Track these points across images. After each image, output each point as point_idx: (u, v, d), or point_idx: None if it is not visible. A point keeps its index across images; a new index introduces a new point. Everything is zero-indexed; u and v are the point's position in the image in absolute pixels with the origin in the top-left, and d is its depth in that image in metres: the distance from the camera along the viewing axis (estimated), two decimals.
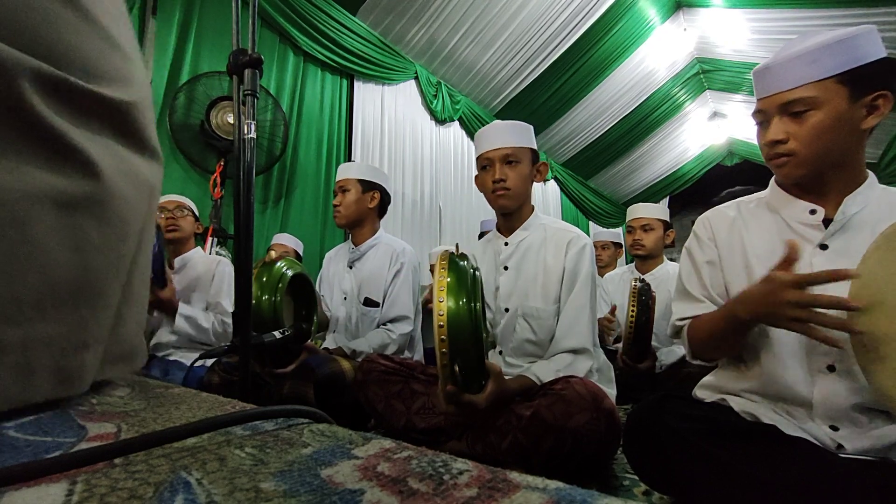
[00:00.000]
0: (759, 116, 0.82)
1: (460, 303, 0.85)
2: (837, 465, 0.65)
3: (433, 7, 3.24)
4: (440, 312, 0.84)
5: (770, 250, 0.82)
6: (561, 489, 0.24)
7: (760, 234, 0.85)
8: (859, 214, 0.76)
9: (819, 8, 3.52)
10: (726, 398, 0.84)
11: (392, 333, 1.59)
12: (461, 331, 0.84)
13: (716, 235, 0.90)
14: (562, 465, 0.96)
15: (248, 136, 0.96)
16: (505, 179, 1.21)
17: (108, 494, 0.23)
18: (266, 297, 1.29)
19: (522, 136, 1.25)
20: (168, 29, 2.26)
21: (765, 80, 0.79)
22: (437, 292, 0.86)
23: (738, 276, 0.85)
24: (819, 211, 0.79)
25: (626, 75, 4.62)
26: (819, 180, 0.79)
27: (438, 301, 0.85)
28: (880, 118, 0.74)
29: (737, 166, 6.88)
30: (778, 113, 0.77)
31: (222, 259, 1.86)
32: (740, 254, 0.86)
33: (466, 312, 0.85)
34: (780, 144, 0.77)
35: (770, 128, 0.78)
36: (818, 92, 0.73)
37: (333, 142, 3.08)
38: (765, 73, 0.79)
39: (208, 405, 0.41)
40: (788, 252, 0.68)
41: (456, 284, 0.87)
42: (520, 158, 1.23)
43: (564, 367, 1.09)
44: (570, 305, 1.16)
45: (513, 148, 1.22)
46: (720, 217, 0.92)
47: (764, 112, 0.80)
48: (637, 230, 2.15)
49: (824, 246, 0.77)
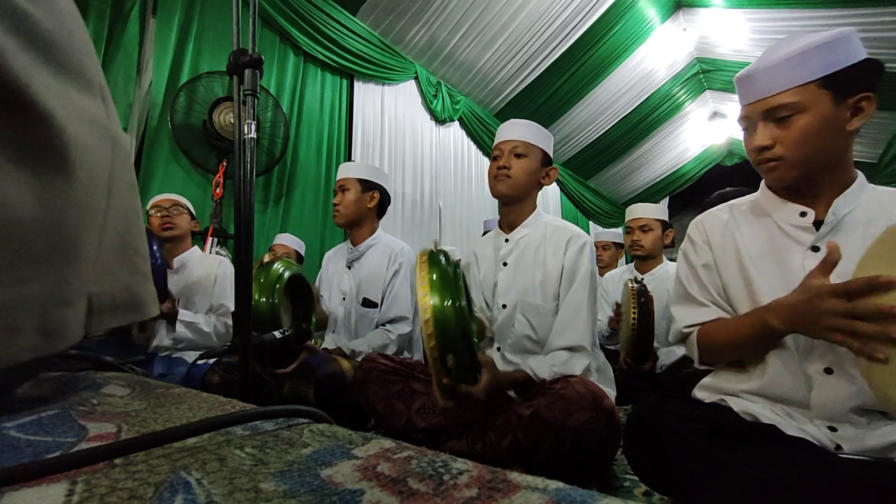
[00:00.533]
0: (744, 122, 0.82)
1: (444, 298, 0.87)
2: (837, 466, 0.65)
3: (433, 7, 3.24)
4: (425, 307, 0.86)
5: (762, 253, 0.82)
6: (561, 489, 0.24)
7: (753, 237, 0.85)
8: (850, 215, 0.76)
9: (819, 8, 3.52)
10: (726, 399, 0.84)
11: (391, 334, 1.59)
12: (447, 324, 0.86)
13: (710, 238, 0.90)
14: (562, 464, 0.96)
15: (249, 136, 0.96)
16: (508, 167, 1.25)
17: (108, 494, 0.23)
18: (264, 299, 1.30)
19: (537, 136, 1.29)
20: (168, 29, 2.26)
21: (748, 86, 0.79)
22: (420, 288, 0.88)
23: (733, 279, 0.85)
24: (809, 213, 0.79)
25: (626, 75, 4.61)
26: (809, 183, 0.79)
27: (422, 296, 0.87)
28: (864, 119, 0.74)
29: (736, 166, 6.88)
30: (762, 119, 0.77)
31: (223, 259, 1.85)
32: (734, 256, 0.86)
33: (451, 306, 0.87)
34: (767, 150, 0.77)
35: (756, 134, 0.78)
36: (801, 96, 0.73)
37: (333, 142, 3.08)
38: (747, 79, 0.79)
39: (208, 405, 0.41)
40: (828, 256, 0.65)
41: (439, 280, 0.89)
42: (527, 153, 1.26)
43: (560, 364, 1.09)
44: (568, 303, 1.17)
45: (523, 142, 1.26)
46: (713, 220, 0.92)
47: (749, 118, 0.80)
48: (636, 231, 2.15)
49: (816, 248, 0.77)
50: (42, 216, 0.33)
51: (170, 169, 2.25)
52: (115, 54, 2.07)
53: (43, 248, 0.34)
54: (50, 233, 0.34)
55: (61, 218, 0.35)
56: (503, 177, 1.25)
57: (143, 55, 2.20)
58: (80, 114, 0.37)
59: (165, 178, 2.21)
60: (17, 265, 0.32)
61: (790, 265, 0.78)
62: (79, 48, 0.39)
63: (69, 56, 0.38)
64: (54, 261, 0.35)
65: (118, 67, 2.07)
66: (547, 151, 1.30)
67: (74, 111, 0.36)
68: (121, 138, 0.45)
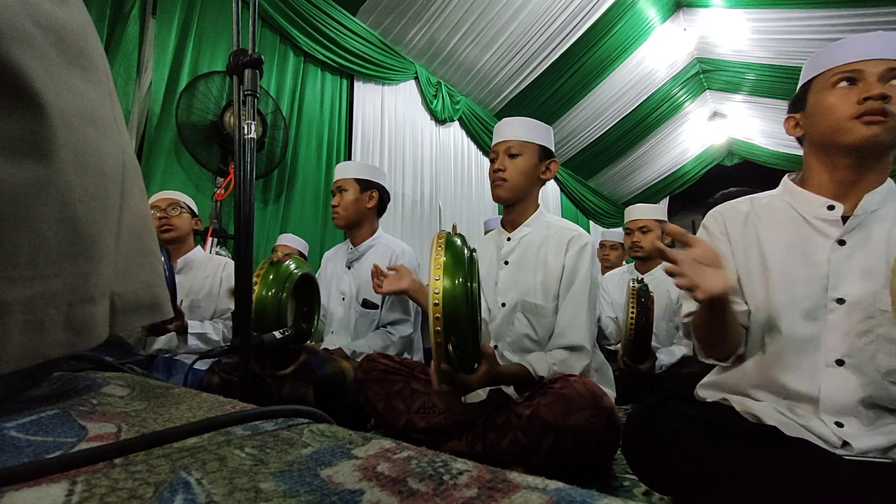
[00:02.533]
0: (849, 78, 0.79)
1: (456, 282, 0.85)
2: (838, 466, 0.65)
3: (433, 7, 3.24)
4: (435, 290, 0.84)
5: (786, 245, 0.82)
6: (561, 489, 0.24)
7: (776, 229, 0.85)
8: (876, 213, 0.77)
9: (819, 8, 3.52)
10: (728, 398, 0.84)
11: (393, 336, 1.59)
12: (456, 310, 0.84)
13: (729, 230, 0.90)
14: (562, 464, 0.96)
15: (249, 136, 0.96)
16: (503, 170, 1.25)
17: (108, 494, 0.23)
18: (273, 293, 1.29)
19: (530, 132, 1.27)
20: (168, 29, 2.26)
21: (866, 45, 0.78)
22: (434, 270, 0.86)
23: (753, 270, 0.85)
24: (838, 207, 0.79)
25: (626, 75, 4.62)
26: (857, 170, 0.79)
27: (434, 279, 0.85)
28: None
29: (737, 166, 6.88)
30: (879, 77, 0.76)
31: (228, 261, 1.82)
32: (756, 247, 0.86)
33: (462, 291, 0.85)
34: (885, 101, 0.74)
35: (874, 85, 0.76)
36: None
37: (333, 142, 3.08)
38: (862, 40, 0.78)
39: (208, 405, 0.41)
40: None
41: (452, 264, 0.87)
42: (521, 151, 1.25)
43: (559, 363, 1.10)
44: (567, 303, 1.17)
45: (515, 141, 1.25)
46: (733, 211, 0.92)
47: (861, 72, 0.77)
48: (635, 232, 2.16)
49: (842, 241, 0.77)
50: (50, 211, 0.33)
51: (170, 170, 2.24)
52: (115, 55, 2.07)
53: (61, 244, 0.34)
54: (65, 229, 0.34)
55: (70, 213, 0.35)
56: (499, 181, 1.26)
57: (143, 55, 2.20)
58: (85, 109, 0.37)
59: (165, 178, 2.21)
60: (38, 261, 0.32)
61: (815, 258, 0.79)
62: (92, 49, 0.40)
63: (80, 52, 0.38)
64: (74, 257, 0.35)
65: (118, 68, 2.07)
66: (544, 145, 1.28)
67: (79, 110, 0.37)
68: (127, 140, 0.45)
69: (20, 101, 0.32)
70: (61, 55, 0.36)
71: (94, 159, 0.37)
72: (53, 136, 0.34)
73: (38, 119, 0.33)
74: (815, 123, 0.83)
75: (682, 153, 6.41)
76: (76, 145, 0.36)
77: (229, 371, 1.38)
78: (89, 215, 0.37)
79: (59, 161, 0.34)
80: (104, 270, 0.38)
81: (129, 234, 0.42)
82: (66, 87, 0.36)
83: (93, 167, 0.37)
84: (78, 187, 0.36)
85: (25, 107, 0.32)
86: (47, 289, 0.33)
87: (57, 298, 0.33)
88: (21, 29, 0.32)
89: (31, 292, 0.32)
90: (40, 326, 0.32)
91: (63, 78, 0.36)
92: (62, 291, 0.34)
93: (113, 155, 0.40)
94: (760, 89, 4.90)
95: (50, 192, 0.33)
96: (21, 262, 0.31)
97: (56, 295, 0.33)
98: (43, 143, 0.33)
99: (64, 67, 0.36)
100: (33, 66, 0.32)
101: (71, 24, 0.37)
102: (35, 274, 0.32)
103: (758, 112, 5.36)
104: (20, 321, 0.31)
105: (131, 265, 0.42)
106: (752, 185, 0.93)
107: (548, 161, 1.29)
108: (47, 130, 0.33)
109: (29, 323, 0.31)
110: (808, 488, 0.61)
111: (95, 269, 0.37)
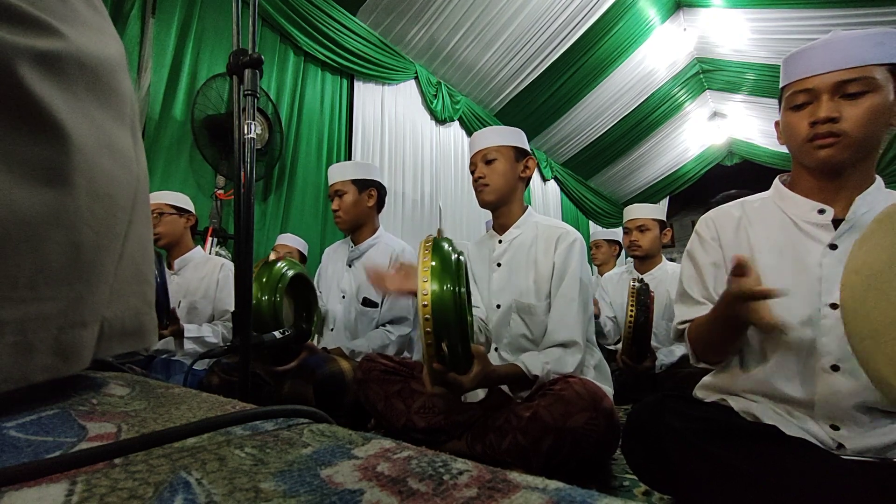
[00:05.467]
0: (802, 97, 0.78)
1: (444, 285, 0.86)
2: (837, 466, 0.65)
3: (433, 7, 3.24)
4: (424, 293, 0.86)
5: (778, 249, 0.82)
6: (561, 489, 0.24)
7: (767, 233, 0.85)
8: (867, 215, 0.76)
9: (819, 8, 3.52)
10: (726, 398, 0.84)
11: (392, 334, 1.59)
12: (445, 312, 0.85)
13: (720, 236, 0.90)
14: (561, 465, 0.96)
15: (248, 136, 0.96)
16: (483, 176, 1.29)
17: (108, 494, 0.23)
18: (266, 298, 1.29)
19: (501, 137, 1.31)
20: (168, 29, 2.26)
21: (815, 57, 0.77)
22: (421, 273, 0.87)
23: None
24: (828, 210, 0.78)
25: (626, 75, 4.62)
26: (839, 175, 0.78)
27: (422, 282, 0.86)
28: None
29: (737, 166, 6.88)
30: (831, 91, 0.75)
31: (225, 262, 1.82)
32: (748, 253, 0.85)
33: (450, 294, 0.86)
34: (832, 122, 0.74)
35: (822, 105, 0.75)
36: (878, 75, 0.72)
37: (333, 142, 3.08)
38: (813, 51, 0.77)
39: (208, 405, 0.41)
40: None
41: (440, 267, 0.88)
42: (497, 156, 1.29)
43: (554, 361, 1.10)
44: (559, 300, 1.17)
45: (489, 148, 1.30)
46: (725, 217, 0.91)
47: (811, 91, 0.77)
48: (633, 231, 2.16)
49: (834, 246, 0.77)
50: (59, 235, 0.33)
51: (169, 170, 2.24)
52: None
53: (62, 267, 0.34)
54: (69, 253, 0.34)
55: (82, 241, 0.35)
56: (481, 186, 1.29)
57: (143, 56, 2.20)
58: (104, 140, 0.38)
59: (165, 179, 2.21)
60: (37, 281, 0.32)
61: (807, 262, 0.78)
62: (119, 83, 0.40)
63: (109, 88, 0.39)
64: (74, 280, 0.35)
65: None
66: (517, 146, 1.32)
67: (98, 140, 0.37)
68: (144, 173, 0.45)
69: (43, 130, 0.32)
70: (90, 91, 0.37)
71: (106, 187, 0.38)
72: (70, 164, 0.34)
73: (59, 148, 0.33)
74: (785, 140, 0.84)
75: (683, 153, 6.41)
76: (91, 172, 0.36)
77: (229, 371, 1.39)
78: (95, 241, 0.36)
79: (72, 187, 0.34)
80: (100, 296, 0.38)
81: (129, 261, 0.42)
82: (89, 119, 0.36)
83: (105, 195, 0.37)
84: (87, 213, 0.36)
85: (47, 135, 0.32)
86: (41, 311, 0.32)
87: (49, 321, 0.33)
88: (63, 72, 0.33)
89: (24, 314, 0.31)
90: (29, 349, 0.32)
91: (87, 111, 0.36)
92: (55, 314, 0.33)
93: (126, 183, 0.41)
94: (760, 89, 4.90)
95: (60, 218, 0.33)
96: (20, 283, 0.31)
97: (49, 318, 0.33)
98: (61, 170, 0.33)
99: (90, 102, 0.37)
100: (58, 99, 0.33)
101: (107, 62, 0.38)
102: (33, 296, 0.32)
103: (758, 112, 5.36)
104: (9, 343, 0.30)
105: (125, 292, 0.42)
106: (752, 185, 0.93)
107: (524, 160, 1.32)
108: (66, 159, 0.34)
109: (17, 345, 0.31)
110: (807, 487, 0.61)
111: (91, 294, 0.36)
